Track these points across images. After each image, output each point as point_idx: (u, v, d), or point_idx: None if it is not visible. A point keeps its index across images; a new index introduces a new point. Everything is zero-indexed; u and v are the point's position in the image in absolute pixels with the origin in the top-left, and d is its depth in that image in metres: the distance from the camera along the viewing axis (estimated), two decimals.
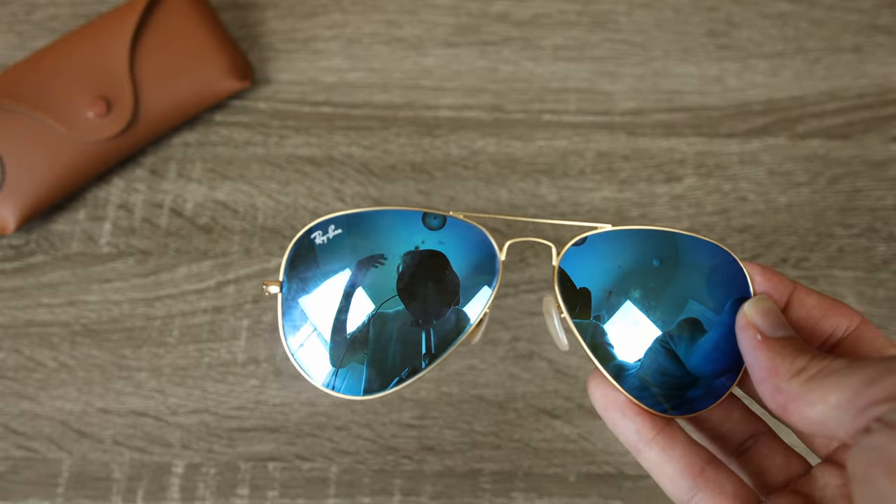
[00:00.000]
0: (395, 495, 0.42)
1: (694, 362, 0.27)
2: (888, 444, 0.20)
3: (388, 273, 0.27)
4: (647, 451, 0.26)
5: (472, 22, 0.51)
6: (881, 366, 0.21)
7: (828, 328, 0.27)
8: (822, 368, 0.23)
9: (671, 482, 0.26)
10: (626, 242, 0.28)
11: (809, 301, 0.27)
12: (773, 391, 0.24)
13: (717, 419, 0.29)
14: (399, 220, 0.28)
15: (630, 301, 0.27)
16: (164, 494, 0.42)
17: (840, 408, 0.22)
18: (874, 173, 0.48)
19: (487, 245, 0.28)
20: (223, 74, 0.47)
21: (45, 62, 0.45)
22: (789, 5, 0.52)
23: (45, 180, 0.45)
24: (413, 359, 0.27)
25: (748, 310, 0.26)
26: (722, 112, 0.49)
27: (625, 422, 0.27)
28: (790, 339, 0.25)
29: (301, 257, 0.28)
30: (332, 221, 0.27)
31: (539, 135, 0.49)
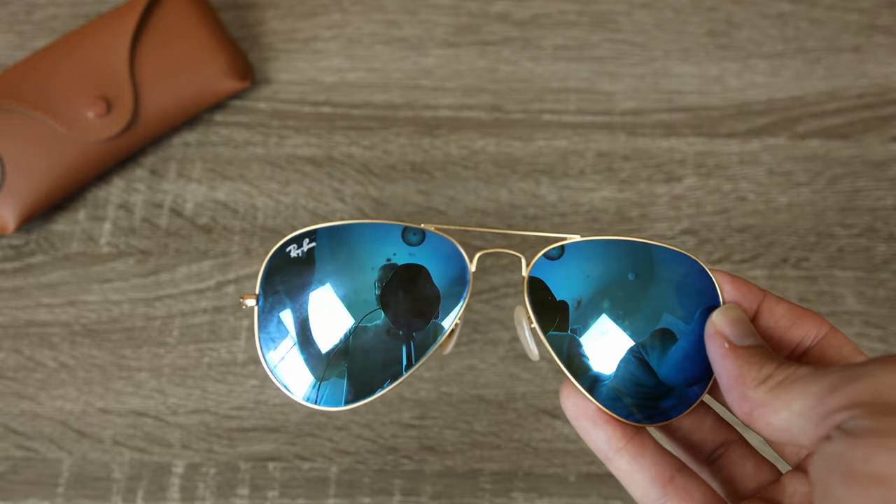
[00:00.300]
0: (395, 495, 0.42)
1: (666, 372, 0.27)
2: (846, 451, 0.20)
3: (368, 286, 0.27)
4: (618, 460, 0.26)
5: (472, 22, 0.51)
6: (844, 373, 0.22)
7: (796, 336, 0.27)
8: (787, 376, 0.23)
9: (641, 490, 0.26)
10: (597, 253, 0.28)
11: (779, 310, 0.27)
12: (739, 399, 0.24)
13: (689, 427, 0.29)
14: (374, 233, 0.28)
15: (603, 313, 0.27)
16: (164, 494, 0.42)
17: (803, 415, 0.22)
18: (874, 173, 0.48)
19: (458, 257, 0.28)
20: (223, 74, 0.47)
21: (45, 62, 0.45)
22: (789, 5, 0.52)
23: (45, 180, 0.45)
24: (393, 369, 0.27)
25: (716, 318, 0.26)
26: (722, 112, 0.49)
27: (595, 430, 0.27)
28: (758, 347, 0.25)
29: (277, 270, 0.28)
30: (306, 235, 0.28)
31: (539, 135, 0.49)
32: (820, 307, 0.46)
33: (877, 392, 0.20)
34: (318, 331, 0.27)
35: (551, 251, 0.28)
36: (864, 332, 0.45)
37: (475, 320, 0.45)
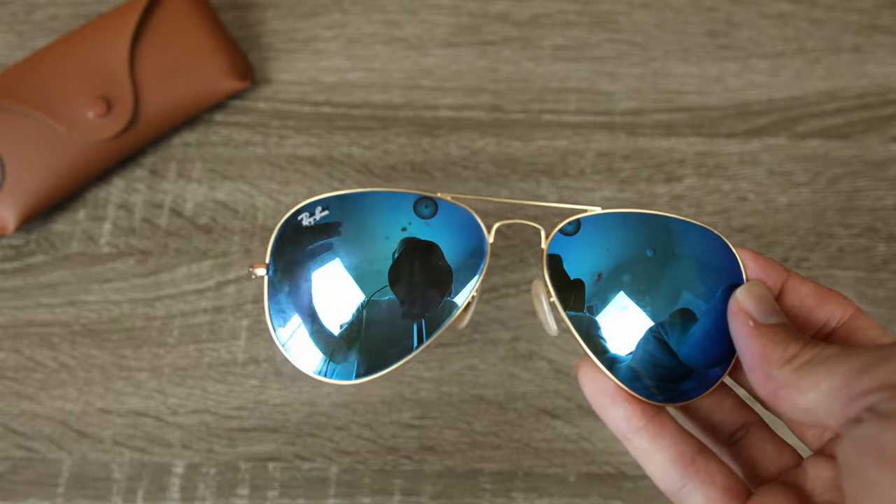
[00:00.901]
0: (395, 495, 0.42)
1: (686, 352, 0.26)
2: (879, 434, 0.20)
3: (381, 260, 0.27)
4: (637, 440, 0.26)
5: (472, 22, 0.51)
6: (873, 354, 0.21)
7: (822, 317, 0.26)
8: (814, 356, 0.23)
9: (660, 471, 0.26)
10: (618, 227, 0.27)
11: (804, 289, 0.26)
12: (763, 378, 0.24)
13: (709, 409, 0.28)
14: (389, 202, 0.27)
15: (622, 290, 0.27)
16: (164, 494, 0.42)
17: (831, 396, 0.22)
18: (874, 173, 0.48)
19: (476, 228, 0.27)
20: (223, 74, 0.47)
21: (45, 62, 0.45)
22: (789, 5, 0.52)
23: (45, 180, 0.45)
24: (404, 344, 0.27)
25: (740, 296, 0.25)
26: (722, 112, 0.49)
27: (614, 408, 0.26)
28: (782, 325, 0.24)
29: (288, 239, 0.27)
30: (320, 203, 0.27)
31: (539, 135, 0.49)
32: None
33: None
34: (329, 303, 0.27)
35: (567, 226, 0.27)
36: None
37: (475, 320, 0.45)
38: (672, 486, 0.25)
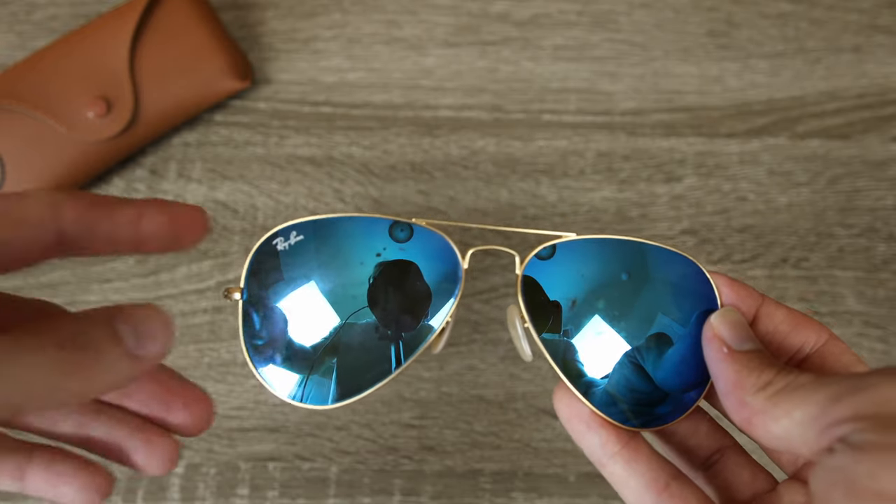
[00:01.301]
0: (395, 495, 0.42)
1: (662, 377, 0.27)
2: (850, 466, 0.20)
3: (356, 284, 0.27)
4: (612, 465, 0.26)
5: (472, 22, 0.51)
6: (847, 383, 0.21)
7: (796, 343, 0.26)
8: (788, 383, 0.23)
9: (635, 497, 0.26)
10: (593, 253, 0.27)
11: (778, 315, 0.27)
12: (737, 405, 0.24)
13: (684, 433, 0.28)
14: (364, 227, 0.27)
15: (597, 314, 0.27)
16: (164, 494, 0.42)
17: (804, 424, 0.22)
18: (874, 173, 0.48)
19: (450, 253, 0.27)
20: (223, 74, 0.47)
21: (45, 62, 0.45)
22: (789, 5, 0.52)
23: (45, 180, 0.45)
24: (381, 368, 0.27)
25: (715, 322, 0.26)
26: (722, 112, 0.49)
27: (589, 435, 0.26)
28: (757, 352, 0.24)
29: (263, 263, 0.27)
30: (294, 227, 0.27)
31: (539, 135, 0.49)
32: (820, 307, 0.46)
33: (881, 404, 0.20)
34: (303, 327, 0.27)
35: (542, 251, 0.27)
36: (864, 332, 0.45)
37: (475, 320, 0.45)
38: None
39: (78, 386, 0.19)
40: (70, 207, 0.22)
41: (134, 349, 0.21)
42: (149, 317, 0.21)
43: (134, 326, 0.21)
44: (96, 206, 0.22)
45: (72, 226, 0.22)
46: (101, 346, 0.20)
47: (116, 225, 0.23)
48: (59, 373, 0.19)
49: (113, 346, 0.20)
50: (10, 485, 0.24)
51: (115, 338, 0.20)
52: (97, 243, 0.23)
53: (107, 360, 0.20)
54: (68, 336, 0.19)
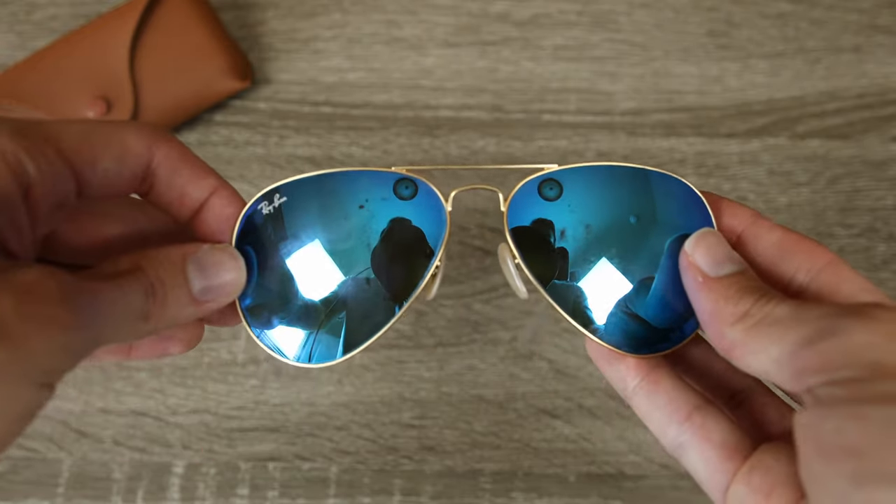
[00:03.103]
0: (395, 495, 0.42)
1: (652, 314, 0.26)
2: (817, 423, 0.19)
3: (347, 237, 0.26)
4: (636, 398, 0.25)
5: (472, 22, 0.51)
6: (822, 322, 0.20)
7: (788, 271, 0.24)
8: (765, 315, 0.21)
9: (659, 428, 0.25)
10: (595, 198, 0.26)
11: (771, 237, 0.24)
12: (717, 336, 0.22)
13: (702, 367, 0.27)
14: (351, 181, 0.26)
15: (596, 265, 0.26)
16: (164, 494, 0.42)
17: (780, 364, 0.20)
18: (874, 173, 0.48)
19: (437, 202, 0.26)
20: (223, 74, 0.47)
21: (45, 62, 0.45)
22: (789, 5, 0.52)
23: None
24: (381, 317, 0.26)
25: (689, 247, 0.24)
26: (722, 112, 0.49)
27: (610, 369, 0.25)
28: (736, 276, 0.23)
29: (254, 227, 0.26)
30: (276, 190, 0.26)
31: (539, 135, 0.49)
32: None
33: (849, 352, 0.19)
34: (302, 287, 0.26)
35: (547, 191, 0.26)
36: None
37: (475, 320, 0.45)
38: (670, 443, 0.24)
39: (150, 327, 0.21)
40: (163, 150, 0.23)
41: (199, 295, 0.22)
42: (217, 262, 0.23)
43: (203, 270, 0.23)
44: (184, 161, 0.24)
45: (158, 167, 0.23)
46: (171, 292, 0.22)
47: (191, 188, 0.24)
48: (138, 317, 0.21)
49: (181, 292, 0.22)
50: (118, 358, 0.25)
51: (184, 282, 0.22)
52: (166, 194, 0.24)
53: (174, 305, 0.22)
54: (149, 285, 0.21)
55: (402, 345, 0.45)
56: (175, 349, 0.26)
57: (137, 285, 0.21)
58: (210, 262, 0.23)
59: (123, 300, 0.20)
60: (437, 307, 0.45)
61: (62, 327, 0.18)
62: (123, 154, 0.22)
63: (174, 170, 0.24)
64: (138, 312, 0.21)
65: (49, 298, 0.18)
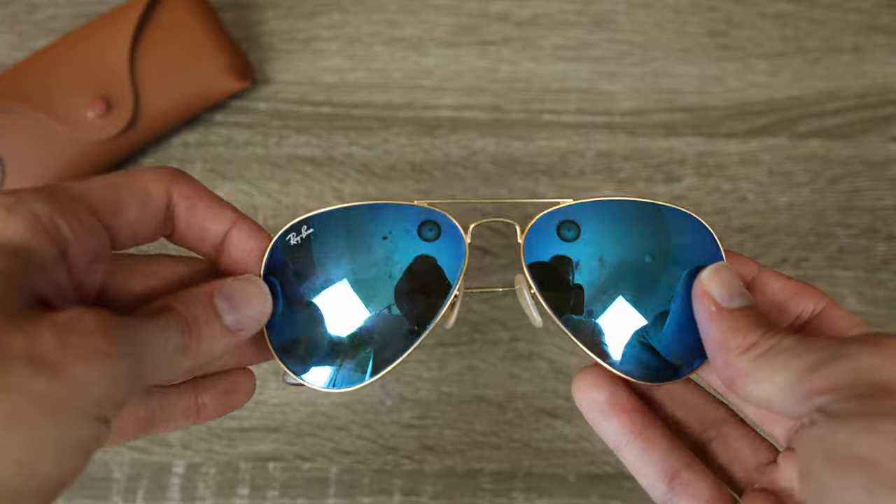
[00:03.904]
0: (395, 495, 0.42)
1: (665, 346, 0.26)
2: (828, 434, 0.20)
3: (382, 277, 0.27)
4: (627, 452, 0.26)
5: (472, 22, 0.51)
6: (827, 351, 0.21)
7: (794, 311, 0.26)
8: (771, 346, 0.23)
9: (649, 483, 0.26)
10: (611, 242, 0.27)
11: (776, 284, 0.26)
12: (723, 365, 0.24)
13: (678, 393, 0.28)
14: (376, 214, 0.27)
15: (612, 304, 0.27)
16: (164, 494, 0.42)
17: (784, 390, 0.22)
18: (874, 173, 0.48)
19: (453, 230, 0.27)
20: (223, 74, 0.47)
21: (45, 62, 0.45)
22: (789, 5, 0.52)
23: (45, 180, 0.45)
24: (397, 346, 0.27)
25: (704, 277, 0.25)
26: (722, 112, 0.49)
27: (605, 421, 0.26)
28: (745, 310, 0.24)
29: (283, 257, 0.27)
30: (304, 222, 0.27)
31: (539, 135, 0.49)
32: None
33: (857, 373, 0.20)
34: (327, 317, 0.27)
35: (566, 232, 0.27)
36: None
37: (475, 320, 0.45)
38: (659, 498, 0.26)
39: (189, 362, 0.22)
40: (179, 189, 0.25)
41: (232, 325, 0.24)
42: (243, 292, 0.24)
43: (230, 302, 0.24)
44: (200, 198, 0.25)
45: (176, 206, 0.25)
46: (204, 327, 0.23)
47: (209, 223, 0.25)
48: (177, 350, 0.22)
49: (214, 326, 0.23)
50: (188, 420, 0.27)
51: (213, 316, 0.23)
52: (187, 233, 0.25)
53: (210, 338, 0.23)
54: (184, 322, 0.22)
55: None
56: (239, 400, 0.27)
57: (173, 322, 0.22)
58: (235, 293, 0.24)
59: (161, 334, 0.21)
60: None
61: (104, 355, 0.19)
62: (145, 199, 0.24)
63: (191, 207, 0.25)
64: (176, 346, 0.22)
65: (89, 331, 0.19)
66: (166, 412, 0.26)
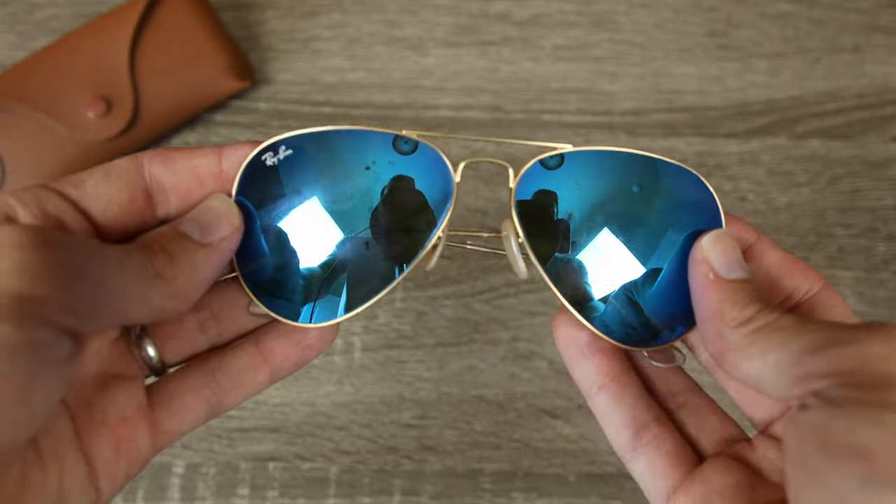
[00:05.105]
0: (395, 495, 0.42)
1: (651, 307, 0.26)
2: (825, 421, 0.19)
3: (358, 200, 0.25)
4: (599, 396, 0.26)
5: (472, 22, 0.51)
6: (828, 334, 0.20)
7: (787, 287, 0.25)
8: (768, 323, 0.22)
9: (615, 430, 0.25)
10: (601, 167, 0.26)
11: (772, 256, 0.25)
12: (714, 336, 0.23)
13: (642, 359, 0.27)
14: (357, 140, 0.25)
15: (603, 235, 0.26)
16: (164, 494, 0.42)
17: (777, 369, 0.21)
18: (874, 173, 0.48)
19: (443, 167, 0.26)
20: (223, 74, 0.47)
21: (45, 62, 0.45)
22: (789, 5, 0.52)
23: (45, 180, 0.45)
24: (380, 281, 0.26)
25: (705, 244, 0.24)
26: (722, 112, 0.49)
27: (583, 361, 0.26)
28: (743, 282, 0.23)
29: (255, 180, 0.25)
30: (283, 142, 0.25)
31: (539, 135, 0.49)
32: None
33: (863, 361, 0.19)
34: (302, 245, 0.25)
35: (548, 159, 0.26)
36: None
37: (475, 320, 0.45)
38: (622, 448, 0.25)
39: (171, 286, 0.22)
40: (147, 155, 0.24)
41: (201, 239, 0.23)
42: (206, 208, 0.24)
43: (195, 221, 0.23)
44: (176, 150, 0.25)
45: (151, 170, 0.24)
46: (171, 247, 0.22)
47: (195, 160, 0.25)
48: (145, 280, 0.21)
49: (182, 245, 0.23)
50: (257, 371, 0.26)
51: (182, 237, 0.23)
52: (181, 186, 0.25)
53: (181, 258, 0.22)
54: (147, 246, 0.22)
55: (402, 345, 0.45)
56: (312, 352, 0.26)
57: (136, 247, 0.22)
58: (201, 215, 0.24)
59: (126, 257, 0.21)
60: (437, 307, 0.45)
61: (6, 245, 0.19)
62: (108, 169, 0.23)
63: (168, 161, 0.24)
64: (149, 270, 0.21)
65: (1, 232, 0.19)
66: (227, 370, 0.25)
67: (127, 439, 0.24)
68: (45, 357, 0.18)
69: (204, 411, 0.25)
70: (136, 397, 0.24)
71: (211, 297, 0.26)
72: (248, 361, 0.26)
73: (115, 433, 0.23)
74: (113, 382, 0.24)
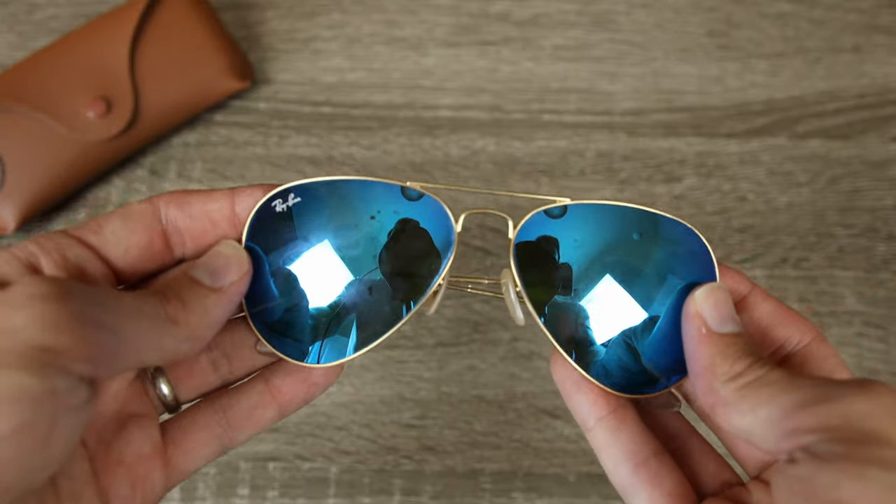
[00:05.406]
0: (395, 495, 0.42)
1: (649, 356, 0.26)
2: (812, 475, 0.19)
3: (365, 249, 0.26)
4: (597, 429, 0.26)
5: (472, 22, 0.51)
6: (816, 390, 0.21)
7: (779, 338, 0.26)
8: (758, 377, 0.22)
9: (613, 464, 0.25)
10: (603, 220, 0.27)
11: (765, 306, 0.26)
12: (706, 390, 0.23)
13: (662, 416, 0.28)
14: (364, 188, 0.27)
15: (600, 283, 0.26)
16: None
17: (767, 424, 0.21)
18: (874, 173, 0.48)
19: (445, 217, 0.27)
20: (223, 74, 0.47)
21: (45, 62, 0.45)
22: (789, 5, 0.52)
23: (45, 180, 0.45)
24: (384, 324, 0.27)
25: (698, 297, 0.25)
26: (722, 112, 0.49)
27: (579, 395, 0.26)
28: (735, 336, 0.24)
29: (265, 225, 0.26)
30: (291, 190, 0.26)
31: (539, 135, 0.49)
32: (820, 307, 0.46)
33: (848, 418, 0.20)
34: (310, 288, 0.26)
35: (553, 209, 0.27)
36: (864, 332, 0.45)
37: (475, 320, 0.45)
38: (621, 482, 0.25)
39: (183, 330, 0.22)
40: (163, 198, 0.25)
41: (211, 284, 0.24)
42: (216, 254, 0.25)
43: (205, 267, 0.24)
44: (192, 193, 0.25)
45: (168, 213, 0.25)
46: (183, 293, 0.23)
47: (210, 204, 0.25)
48: (160, 326, 0.22)
49: (194, 290, 0.23)
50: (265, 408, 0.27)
51: (193, 282, 0.23)
52: (195, 228, 0.25)
53: (193, 303, 0.23)
54: (161, 293, 0.22)
55: (402, 345, 0.45)
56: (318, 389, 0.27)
57: (150, 294, 0.22)
58: (211, 260, 0.25)
59: (142, 303, 0.22)
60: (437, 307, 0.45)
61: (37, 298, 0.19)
62: (126, 212, 0.24)
63: (183, 203, 0.25)
64: (162, 316, 0.22)
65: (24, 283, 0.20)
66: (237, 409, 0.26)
67: (143, 478, 0.24)
68: (65, 404, 0.19)
69: (215, 448, 0.26)
70: (152, 436, 0.25)
71: (223, 336, 0.27)
72: (258, 399, 0.27)
73: (132, 472, 0.24)
74: (130, 422, 0.25)
